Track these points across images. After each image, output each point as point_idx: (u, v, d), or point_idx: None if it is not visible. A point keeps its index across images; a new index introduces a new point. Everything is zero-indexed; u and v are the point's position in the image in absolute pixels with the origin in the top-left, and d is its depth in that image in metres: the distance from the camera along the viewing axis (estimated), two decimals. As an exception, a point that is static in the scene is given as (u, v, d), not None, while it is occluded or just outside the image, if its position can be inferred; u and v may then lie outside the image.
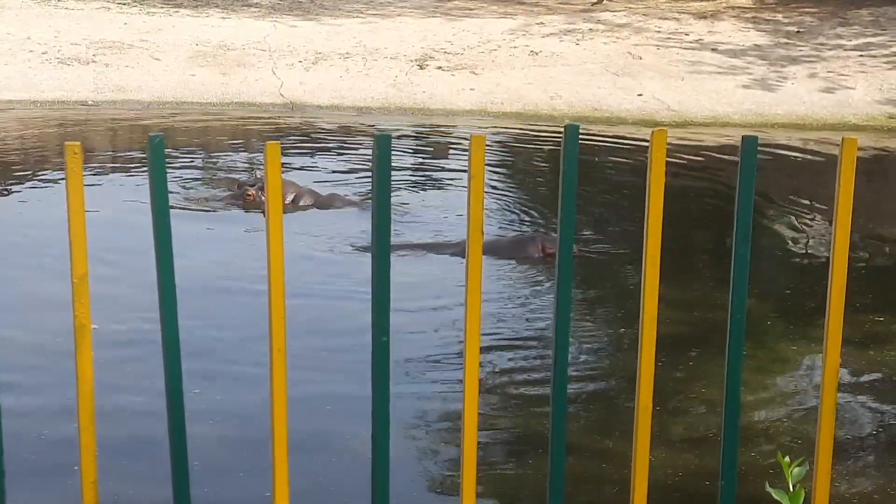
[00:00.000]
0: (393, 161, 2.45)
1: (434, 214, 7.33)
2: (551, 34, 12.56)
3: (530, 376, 5.02)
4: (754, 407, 4.60)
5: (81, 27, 12.24)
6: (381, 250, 2.45)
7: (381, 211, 2.44)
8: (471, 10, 13.65)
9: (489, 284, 5.69)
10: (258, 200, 7.01)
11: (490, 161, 8.77)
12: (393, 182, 2.48)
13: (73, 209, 2.25)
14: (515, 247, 6.48)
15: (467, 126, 9.86)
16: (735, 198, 2.54)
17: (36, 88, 10.50)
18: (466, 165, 2.48)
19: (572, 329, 3.27)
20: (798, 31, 12.66)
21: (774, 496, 1.99)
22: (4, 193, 7.68)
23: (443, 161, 8.99)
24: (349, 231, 6.80)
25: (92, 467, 2.35)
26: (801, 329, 5.51)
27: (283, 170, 7.72)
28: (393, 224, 2.48)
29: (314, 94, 10.60)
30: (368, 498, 2.51)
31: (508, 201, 7.84)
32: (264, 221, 2.40)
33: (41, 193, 7.61)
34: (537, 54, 11.84)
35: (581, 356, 5.19)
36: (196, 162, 8.71)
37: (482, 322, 2.53)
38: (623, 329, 5.46)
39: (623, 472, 3.15)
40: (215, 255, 6.36)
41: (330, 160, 8.73)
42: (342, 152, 9.03)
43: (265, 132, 9.51)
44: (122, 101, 10.37)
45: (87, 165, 8.20)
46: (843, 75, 11.23)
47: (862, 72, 11.31)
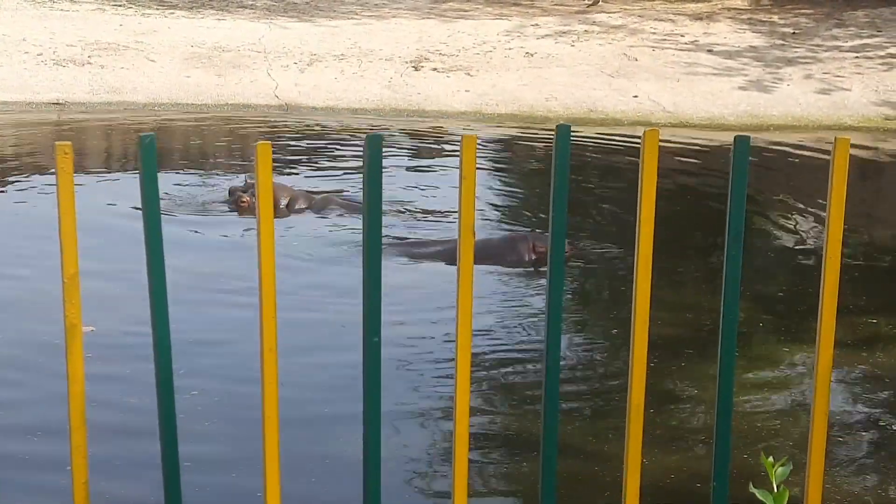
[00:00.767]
0: (386, 162, 2.45)
1: (426, 215, 7.33)
2: (546, 35, 12.56)
3: (522, 377, 5.02)
4: (746, 407, 4.61)
5: (77, 28, 12.22)
6: (373, 250, 2.45)
7: (373, 211, 2.44)
8: (466, 12, 13.65)
9: (479, 284, 5.69)
10: (252, 205, 7.00)
11: (483, 162, 8.77)
12: (385, 183, 2.47)
13: (64, 209, 2.25)
14: (506, 246, 6.46)
15: (462, 127, 9.86)
16: (727, 198, 2.55)
17: (31, 90, 10.49)
18: (458, 165, 2.48)
19: (564, 329, 3.27)
20: (794, 33, 12.68)
21: (759, 496, 1.99)
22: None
23: (436, 162, 8.99)
24: (333, 236, 6.77)
25: (83, 467, 2.35)
26: (794, 330, 5.51)
27: (278, 172, 7.73)
28: (385, 226, 2.48)
29: (309, 96, 10.60)
30: (360, 498, 2.51)
31: (502, 201, 7.85)
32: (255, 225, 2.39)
33: (33, 193, 7.60)
34: (532, 56, 11.84)
35: (573, 356, 5.19)
36: (190, 164, 8.70)
37: (473, 322, 2.52)
38: (615, 329, 5.46)
39: (615, 473, 3.15)
40: (203, 260, 6.34)
41: (325, 162, 8.73)
42: (337, 154, 9.02)
43: (260, 134, 9.50)
44: (118, 103, 10.37)
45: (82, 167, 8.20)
46: (839, 77, 11.24)
47: (858, 73, 11.32)
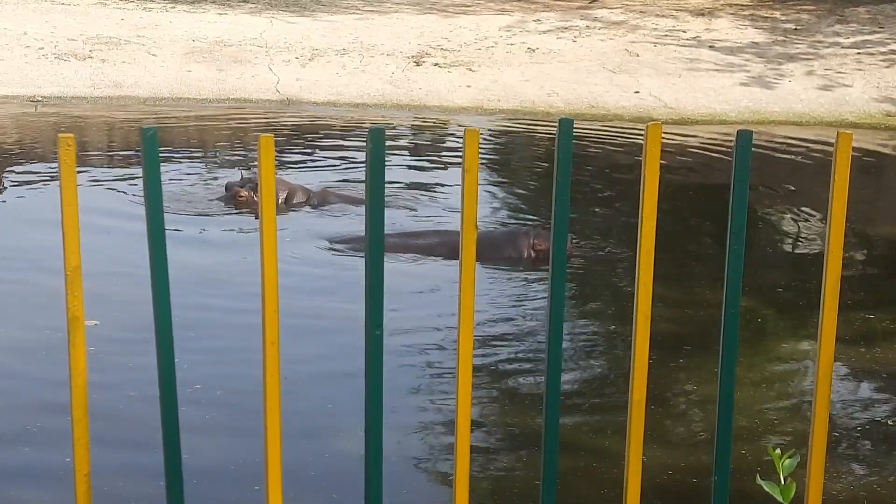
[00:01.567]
0: (388, 156, 2.44)
1: (427, 209, 7.33)
2: (548, 31, 12.55)
3: (524, 375, 5.02)
4: (747, 402, 4.61)
5: (78, 23, 12.22)
6: (375, 244, 2.45)
7: (375, 205, 2.44)
8: (467, 7, 13.63)
9: (479, 280, 5.68)
10: (250, 200, 6.99)
11: (484, 157, 8.77)
12: (387, 177, 2.47)
13: (67, 201, 2.24)
14: (506, 241, 6.43)
15: (463, 122, 9.86)
16: (729, 193, 2.54)
17: (33, 84, 10.48)
18: (460, 160, 2.47)
19: (565, 325, 3.27)
20: (796, 29, 12.66)
21: (766, 489, 1.98)
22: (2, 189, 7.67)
23: (437, 156, 8.98)
24: (327, 231, 6.77)
25: (85, 460, 2.35)
26: (794, 325, 5.52)
27: (278, 166, 7.72)
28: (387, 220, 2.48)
29: (310, 91, 10.59)
30: (361, 491, 2.51)
31: (503, 196, 7.84)
32: (255, 221, 2.39)
33: (36, 187, 7.60)
34: (534, 51, 11.83)
35: (574, 353, 5.19)
36: (190, 159, 8.70)
37: (473, 317, 2.52)
38: (616, 326, 5.46)
39: (616, 469, 3.15)
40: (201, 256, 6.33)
41: (325, 156, 8.72)
42: (337, 148, 9.02)
43: (261, 128, 9.50)
44: (119, 97, 10.36)
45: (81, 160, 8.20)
46: (841, 73, 11.23)
47: (859, 70, 11.31)
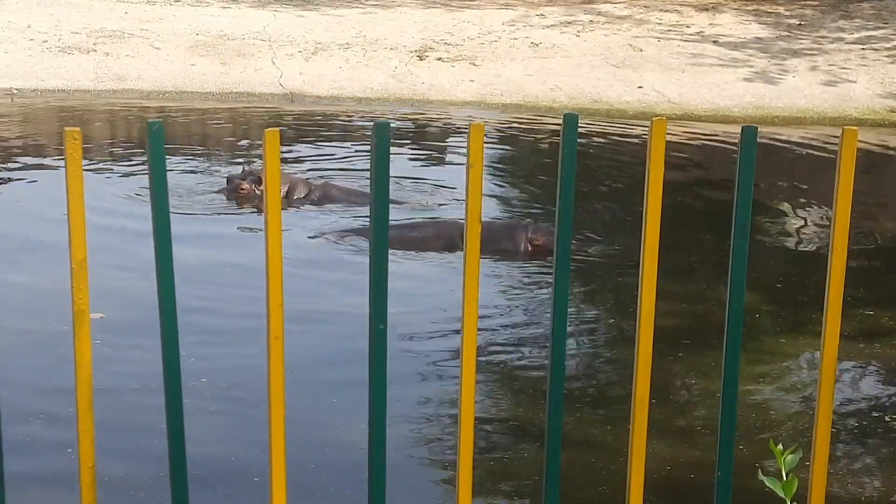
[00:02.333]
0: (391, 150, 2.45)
1: (430, 203, 7.33)
2: (551, 25, 12.54)
3: (525, 369, 5.03)
4: (750, 398, 4.61)
5: (82, 16, 12.21)
6: (380, 238, 2.45)
7: (380, 198, 2.44)
8: (471, 1, 13.62)
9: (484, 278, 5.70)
10: (252, 194, 6.98)
11: (488, 151, 8.77)
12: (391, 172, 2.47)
13: (73, 194, 2.25)
14: (503, 235, 6.39)
15: (466, 117, 9.86)
16: (734, 189, 2.54)
17: (36, 77, 10.48)
18: (462, 156, 2.48)
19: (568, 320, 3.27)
20: (799, 24, 12.65)
21: (768, 484, 1.97)
22: (3, 181, 7.67)
23: (440, 151, 8.98)
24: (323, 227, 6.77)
25: (90, 452, 2.36)
26: (797, 321, 5.51)
27: (281, 161, 7.71)
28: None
29: (314, 85, 10.59)
30: (361, 483, 2.52)
31: (506, 191, 7.84)
32: (258, 215, 2.39)
33: (41, 180, 7.61)
34: (537, 46, 11.82)
35: (577, 348, 5.19)
36: (192, 153, 8.70)
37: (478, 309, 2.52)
38: (617, 320, 5.47)
39: (620, 464, 3.15)
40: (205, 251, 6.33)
41: (328, 150, 8.72)
42: (341, 142, 9.02)
43: (264, 122, 9.50)
44: (123, 91, 10.37)
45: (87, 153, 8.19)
46: (845, 69, 11.21)
47: (863, 65, 11.30)
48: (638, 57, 11.53)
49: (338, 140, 9.12)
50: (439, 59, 11.31)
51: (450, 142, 9.30)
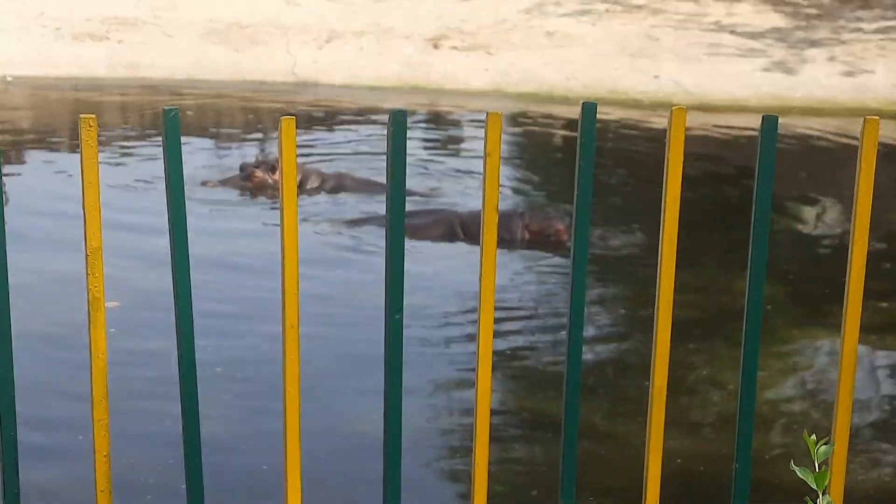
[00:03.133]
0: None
1: (444, 193, 7.31)
2: (567, 14, 12.48)
3: (537, 359, 5.01)
4: (767, 390, 4.59)
5: (95, 3, 12.20)
6: (396, 227, 2.44)
7: (396, 187, 2.42)
8: (486, -10, 13.57)
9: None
10: (265, 182, 6.97)
11: (503, 141, 8.73)
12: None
13: (88, 181, 2.23)
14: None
15: (481, 106, 9.83)
16: (754, 178, 2.51)
17: (50, 64, 10.49)
18: (476, 146, 2.46)
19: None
20: (818, 14, 12.56)
21: (799, 475, 1.95)
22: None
23: (455, 140, 8.96)
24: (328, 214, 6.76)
25: (105, 440, 2.35)
26: (814, 313, 5.49)
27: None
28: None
29: (327, 73, 10.57)
30: (371, 472, 2.50)
31: (522, 181, 7.81)
32: (271, 203, 2.38)
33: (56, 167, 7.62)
34: (553, 35, 11.77)
35: (590, 338, 5.17)
36: (206, 141, 8.70)
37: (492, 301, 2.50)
38: (630, 311, 5.44)
39: (636, 456, 3.13)
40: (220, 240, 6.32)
41: (342, 139, 8.71)
42: (353, 132, 9.01)
43: (277, 111, 9.49)
44: (135, 78, 10.36)
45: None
46: (863, 59, 11.14)
47: (882, 56, 11.22)
48: (654, 46, 11.47)
49: (350, 129, 9.10)
50: (454, 48, 11.28)
51: (464, 131, 9.28)
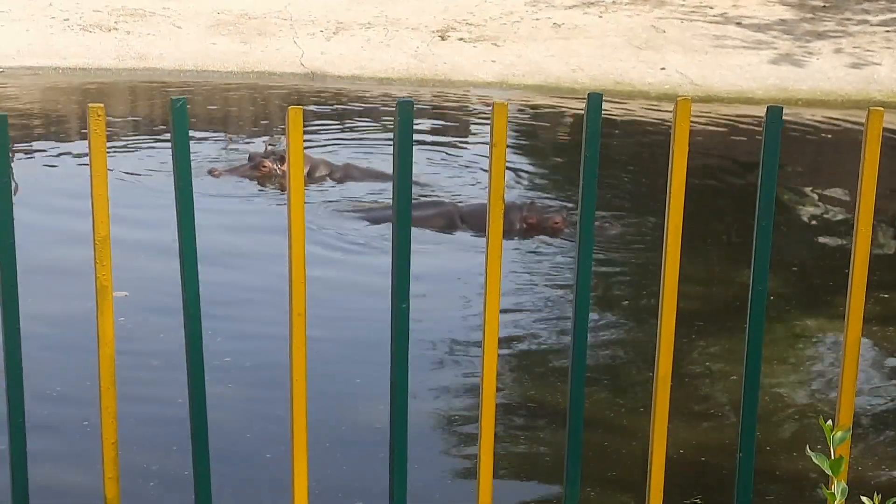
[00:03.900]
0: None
1: (450, 184, 7.32)
2: (574, 6, 12.47)
3: (541, 350, 5.02)
4: (770, 380, 4.60)
5: (103, -6, 12.22)
6: (403, 217, 2.46)
7: (403, 177, 2.44)
8: (493, -18, 13.55)
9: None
10: (274, 172, 6.99)
11: (510, 131, 8.74)
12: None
13: (96, 170, 2.26)
14: None
15: (488, 97, 9.83)
16: (759, 169, 2.52)
17: (58, 55, 10.51)
18: (480, 138, 2.47)
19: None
20: (824, 6, 12.54)
21: (815, 460, 1.97)
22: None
23: (461, 131, 8.97)
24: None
25: (112, 428, 2.37)
26: (818, 303, 5.49)
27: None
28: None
29: (335, 65, 10.58)
30: (374, 460, 2.52)
31: (528, 172, 7.82)
32: (280, 192, 2.40)
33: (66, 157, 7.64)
34: (559, 26, 11.76)
35: (593, 329, 5.18)
36: (214, 133, 8.72)
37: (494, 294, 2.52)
38: (634, 301, 5.45)
39: (640, 446, 3.15)
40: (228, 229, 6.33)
41: (349, 130, 8.72)
42: (361, 122, 9.02)
43: (284, 102, 9.50)
44: (144, 69, 10.38)
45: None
46: (869, 51, 11.12)
47: (888, 48, 11.19)
48: (661, 38, 11.46)
49: (358, 120, 9.12)
50: (461, 40, 11.28)
51: (471, 122, 9.29)
